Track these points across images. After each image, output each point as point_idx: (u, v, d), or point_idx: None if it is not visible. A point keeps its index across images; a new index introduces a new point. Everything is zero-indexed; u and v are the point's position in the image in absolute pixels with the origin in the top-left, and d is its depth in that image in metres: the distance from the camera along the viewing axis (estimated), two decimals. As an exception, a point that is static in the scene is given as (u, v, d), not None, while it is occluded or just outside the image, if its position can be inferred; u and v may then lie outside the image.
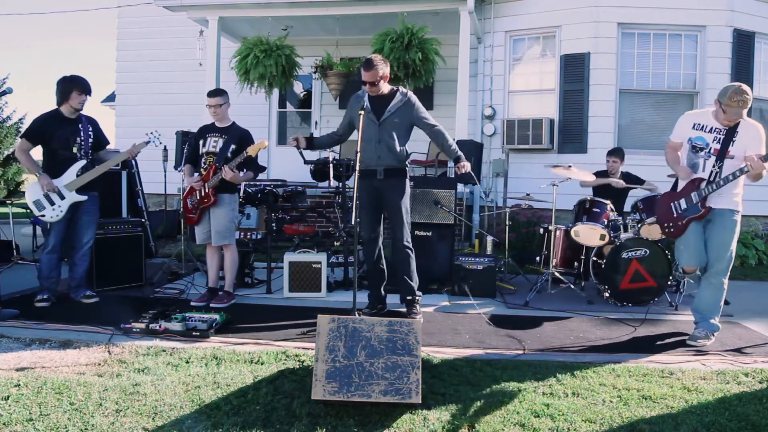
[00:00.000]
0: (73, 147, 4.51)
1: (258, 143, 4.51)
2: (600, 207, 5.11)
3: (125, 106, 10.40)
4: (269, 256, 5.15)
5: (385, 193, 4.28)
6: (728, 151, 3.66)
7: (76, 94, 4.46)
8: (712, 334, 3.83)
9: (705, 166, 3.75)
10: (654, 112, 7.57)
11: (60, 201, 4.44)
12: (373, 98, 4.23)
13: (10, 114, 18.98)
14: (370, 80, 4.12)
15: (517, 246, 7.14)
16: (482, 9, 8.15)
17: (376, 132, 4.19)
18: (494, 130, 8.17)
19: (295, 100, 10.06)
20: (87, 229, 4.66)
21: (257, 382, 2.98)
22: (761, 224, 7.51)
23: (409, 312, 4.30)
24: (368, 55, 4.24)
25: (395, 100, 4.23)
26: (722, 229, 3.73)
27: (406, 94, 4.27)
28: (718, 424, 2.58)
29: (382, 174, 4.24)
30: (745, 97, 3.49)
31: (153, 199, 8.70)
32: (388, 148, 4.21)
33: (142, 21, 10.10)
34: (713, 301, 3.82)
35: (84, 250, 4.67)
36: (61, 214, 4.45)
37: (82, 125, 4.58)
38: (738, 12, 7.30)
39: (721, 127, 3.69)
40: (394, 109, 4.21)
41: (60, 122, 4.48)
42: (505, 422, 2.57)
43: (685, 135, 3.86)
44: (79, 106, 4.51)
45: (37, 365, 3.18)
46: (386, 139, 4.20)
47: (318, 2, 7.56)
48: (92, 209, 4.66)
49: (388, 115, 4.20)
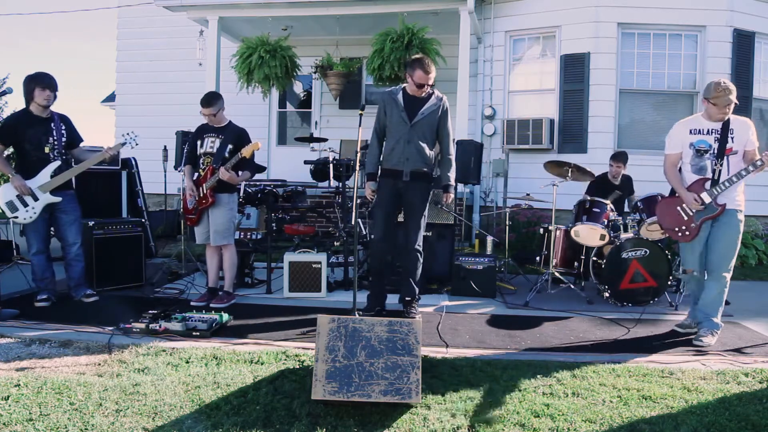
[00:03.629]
0: (45, 147, 4.42)
1: (251, 145, 4.50)
2: (600, 207, 5.10)
3: (125, 106, 10.40)
4: (269, 256, 5.15)
5: (409, 195, 4.20)
6: (729, 148, 3.75)
7: (38, 90, 4.35)
8: (716, 332, 3.86)
9: (711, 166, 3.81)
10: (654, 112, 7.57)
11: (33, 203, 4.37)
12: (408, 97, 4.15)
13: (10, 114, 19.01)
14: (430, 83, 4.07)
15: (517, 246, 7.14)
16: (482, 9, 8.15)
17: (407, 132, 4.11)
18: (494, 130, 8.18)
19: (295, 100, 10.06)
20: (70, 228, 4.58)
21: (257, 382, 2.98)
22: (761, 224, 7.51)
23: (407, 312, 4.29)
24: (419, 56, 4.15)
25: (430, 102, 4.15)
26: (728, 229, 3.79)
27: (441, 99, 4.21)
28: (718, 424, 2.58)
29: (408, 176, 4.15)
30: (727, 84, 3.69)
31: (153, 199, 8.69)
32: (417, 150, 4.13)
33: (142, 21, 10.11)
34: (718, 300, 3.85)
35: (74, 249, 4.61)
36: (35, 216, 4.39)
37: (55, 124, 4.49)
38: (738, 12, 7.30)
39: (717, 127, 3.80)
40: (427, 112, 4.13)
41: (30, 122, 4.40)
42: (505, 422, 2.57)
43: (685, 142, 3.90)
44: (45, 102, 4.38)
45: (37, 365, 3.18)
46: (416, 140, 4.12)
47: (318, 2, 7.56)
48: (70, 208, 4.57)
49: (421, 117, 4.12)
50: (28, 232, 4.52)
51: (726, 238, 3.79)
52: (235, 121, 4.79)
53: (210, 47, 8.09)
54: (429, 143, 4.19)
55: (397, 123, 4.09)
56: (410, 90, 4.15)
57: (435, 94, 4.19)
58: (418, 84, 4.06)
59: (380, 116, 4.24)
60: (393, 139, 4.09)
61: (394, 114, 4.13)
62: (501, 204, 7.94)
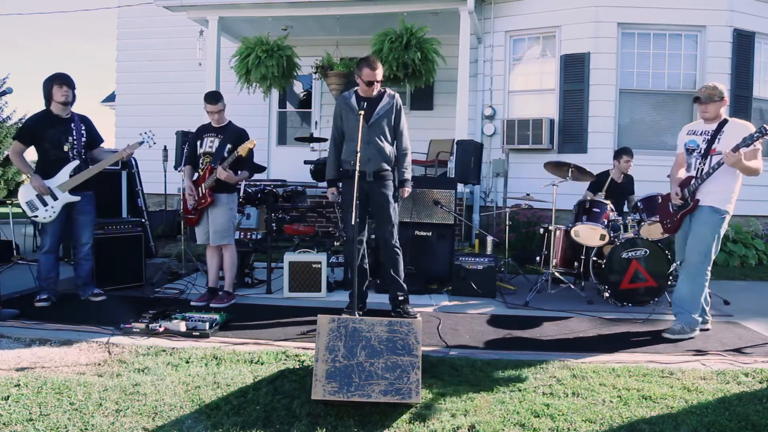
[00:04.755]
0: (65, 146, 4.47)
1: (247, 143, 4.52)
2: (600, 207, 5.10)
3: (125, 106, 10.40)
4: (269, 256, 5.15)
5: (375, 193, 4.26)
6: (713, 148, 3.87)
7: (56, 88, 4.42)
8: (690, 328, 3.90)
9: (695, 165, 3.99)
10: (654, 112, 7.56)
11: (53, 202, 4.42)
12: (361, 99, 4.19)
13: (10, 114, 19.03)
14: (378, 79, 4.14)
15: (517, 246, 7.14)
16: (482, 9, 8.15)
17: (365, 133, 4.12)
18: (494, 130, 8.17)
19: (295, 100, 10.06)
20: (85, 230, 4.64)
21: (257, 382, 2.98)
22: (761, 224, 7.51)
23: (403, 310, 4.30)
24: (365, 56, 4.24)
25: (383, 101, 4.23)
26: (697, 223, 3.93)
27: (394, 97, 4.29)
28: (718, 424, 2.58)
29: (372, 176, 4.22)
30: (708, 85, 3.92)
31: (153, 199, 8.70)
32: (377, 150, 4.21)
33: (142, 21, 10.11)
34: (689, 294, 3.93)
35: (85, 249, 4.67)
36: (54, 215, 4.43)
37: (75, 124, 4.54)
38: (738, 12, 7.30)
39: (710, 128, 3.94)
40: (382, 111, 4.21)
41: (51, 121, 4.45)
42: (505, 422, 2.57)
43: (683, 142, 4.13)
44: (63, 98, 4.43)
45: (37, 365, 3.18)
46: (375, 140, 4.19)
47: (318, 2, 7.56)
48: (87, 209, 4.63)
49: (377, 117, 4.19)
50: (44, 231, 4.56)
51: (695, 232, 3.92)
52: (235, 121, 4.80)
53: (210, 47, 8.09)
54: (387, 141, 4.27)
55: (353, 125, 4.10)
56: (361, 91, 4.24)
57: (387, 92, 4.28)
58: (366, 81, 4.14)
59: (336, 122, 4.32)
60: (353, 141, 4.12)
61: (350, 117, 4.17)
62: (501, 204, 7.94)
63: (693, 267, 3.91)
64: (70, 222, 4.60)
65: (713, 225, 3.86)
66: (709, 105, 3.87)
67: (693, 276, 3.92)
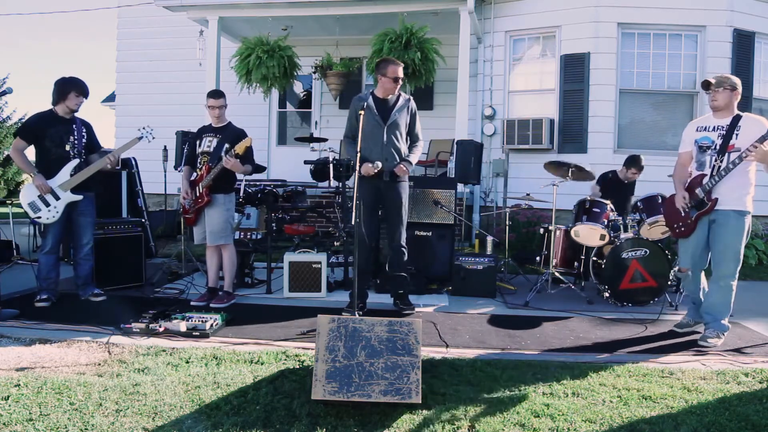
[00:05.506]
0: (66, 145, 4.49)
1: (243, 141, 4.51)
2: (600, 207, 5.10)
3: (125, 106, 10.39)
4: (269, 256, 5.15)
5: (390, 194, 4.32)
6: (731, 144, 3.70)
7: (74, 95, 4.47)
8: (722, 333, 3.84)
9: (710, 162, 3.80)
10: (654, 112, 7.56)
11: (55, 202, 4.43)
12: (378, 100, 4.27)
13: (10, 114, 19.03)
14: (402, 75, 4.25)
15: (517, 246, 7.14)
16: (482, 9, 8.15)
17: (383, 134, 4.23)
18: (494, 130, 8.17)
19: (295, 100, 10.06)
20: (85, 230, 4.65)
21: (257, 382, 2.98)
22: (761, 224, 7.51)
23: (403, 303, 4.32)
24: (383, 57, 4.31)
25: (399, 103, 4.32)
26: (725, 231, 3.75)
27: (409, 100, 4.40)
28: (718, 424, 2.58)
29: (388, 176, 4.28)
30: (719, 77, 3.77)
31: (153, 199, 8.70)
32: (394, 150, 4.28)
33: (142, 21, 10.11)
34: (723, 303, 3.82)
35: (85, 249, 4.67)
36: (57, 215, 4.44)
37: (76, 126, 4.58)
38: (738, 12, 7.30)
39: (723, 123, 3.77)
40: (398, 113, 4.29)
41: (54, 121, 4.48)
42: (505, 422, 2.57)
43: (692, 139, 3.94)
44: (75, 107, 4.52)
45: (37, 365, 3.18)
46: (392, 141, 4.26)
47: (318, 2, 7.56)
48: (88, 210, 4.64)
49: (394, 118, 4.26)
50: (46, 232, 4.56)
51: (723, 240, 3.76)
52: (235, 121, 4.80)
53: (210, 47, 8.09)
54: (403, 142, 4.36)
55: (372, 126, 4.18)
56: (382, 91, 4.31)
57: (402, 95, 4.38)
58: (393, 78, 4.22)
59: (352, 122, 4.30)
60: (369, 141, 4.16)
61: (368, 117, 4.18)
62: (501, 204, 7.94)
63: (727, 277, 3.77)
64: (71, 223, 4.61)
65: (740, 229, 3.73)
66: (719, 92, 3.73)
67: (726, 285, 3.78)
